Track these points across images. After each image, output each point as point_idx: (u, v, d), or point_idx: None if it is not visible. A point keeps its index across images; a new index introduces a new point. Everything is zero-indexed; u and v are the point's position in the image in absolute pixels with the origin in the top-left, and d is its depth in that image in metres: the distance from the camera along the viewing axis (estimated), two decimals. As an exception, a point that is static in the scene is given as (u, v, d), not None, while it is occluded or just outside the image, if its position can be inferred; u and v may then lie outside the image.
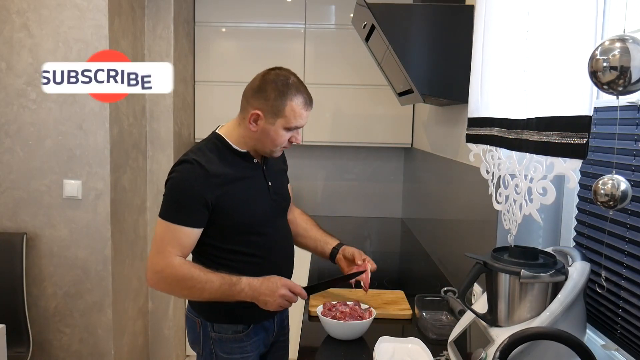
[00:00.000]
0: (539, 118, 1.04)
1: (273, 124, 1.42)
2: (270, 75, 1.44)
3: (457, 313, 1.54)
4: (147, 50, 2.76)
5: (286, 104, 1.40)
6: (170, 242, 1.39)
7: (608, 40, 0.75)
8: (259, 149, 1.49)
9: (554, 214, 1.43)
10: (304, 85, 1.45)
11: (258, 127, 1.43)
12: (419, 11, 1.89)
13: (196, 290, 1.38)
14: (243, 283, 1.39)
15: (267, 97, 1.41)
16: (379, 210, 3.51)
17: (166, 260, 1.37)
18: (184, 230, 1.39)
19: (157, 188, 2.84)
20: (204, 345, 1.54)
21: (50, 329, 2.45)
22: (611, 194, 0.80)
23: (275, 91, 1.40)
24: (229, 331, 1.51)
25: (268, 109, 1.41)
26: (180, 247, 1.39)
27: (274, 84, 1.41)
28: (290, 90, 1.41)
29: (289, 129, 1.43)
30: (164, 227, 1.40)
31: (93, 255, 2.40)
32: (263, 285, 1.41)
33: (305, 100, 1.44)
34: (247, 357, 1.53)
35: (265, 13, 3.11)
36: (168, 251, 1.38)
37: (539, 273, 1.05)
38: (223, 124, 1.56)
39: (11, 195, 2.38)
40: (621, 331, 1.12)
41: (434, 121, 2.58)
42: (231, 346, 1.51)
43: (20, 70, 2.32)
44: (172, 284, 1.40)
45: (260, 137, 1.45)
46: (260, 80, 1.44)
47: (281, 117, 1.41)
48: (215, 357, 1.52)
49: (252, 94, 1.44)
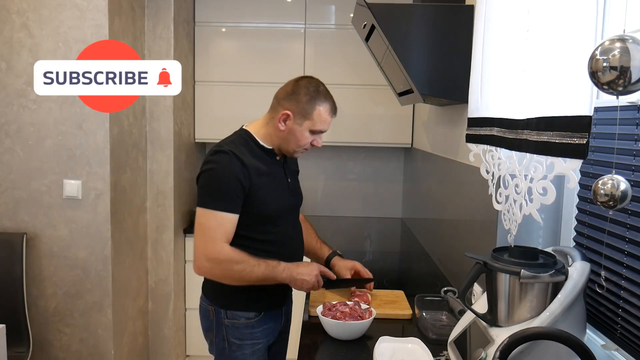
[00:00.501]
0: (539, 118, 1.04)
1: (300, 125, 1.56)
2: (303, 81, 1.59)
3: (457, 313, 1.54)
4: (147, 50, 2.76)
5: (315, 108, 1.55)
6: (218, 230, 1.49)
7: (608, 40, 0.75)
8: (283, 147, 1.61)
9: (554, 214, 1.43)
10: (330, 94, 1.60)
11: (286, 127, 1.57)
12: (419, 11, 1.89)
13: (246, 273, 1.50)
14: (282, 266, 1.55)
15: (298, 100, 1.55)
16: (379, 210, 3.51)
17: (219, 247, 1.49)
18: (228, 217, 1.50)
19: (157, 188, 2.84)
20: (217, 331, 1.63)
21: (50, 329, 2.45)
22: (611, 194, 0.80)
23: (307, 95, 1.55)
24: (241, 318, 1.60)
25: (298, 110, 1.55)
26: (226, 233, 1.51)
27: (306, 89, 1.56)
28: (320, 96, 1.56)
29: (313, 131, 1.57)
30: (209, 215, 1.49)
31: (93, 255, 2.40)
32: (300, 267, 1.58)
33: (332, 108, 1.59)
34: (257, 343, 1.63)
35: (265, 13, 3.11)
36: (219, 238, 1.49)
37: (539, 273, 1.05)
38: (247, 123, 1.68)
39: (11, 195, 2.38)
40: (621, 331, 1.12)
41: (434, 121, 2.58)
42: (243, 332, 1.60)
43: (20, 70, 2.32)
44: (227, 268, 1.50)
45: (287, 136, 1.58)
46: (294, 85, 1.59)
47: (308, 120, 1.56)
48: (228, 343, 1.62)
49: (284, 96, 1.58)
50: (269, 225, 1.60)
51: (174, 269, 2.90)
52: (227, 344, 1.62)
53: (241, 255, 1.50)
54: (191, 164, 3.21)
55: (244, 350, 1.61)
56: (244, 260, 1.49)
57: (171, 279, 2.90)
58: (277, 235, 1.62)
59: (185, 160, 3.08)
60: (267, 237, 1.59)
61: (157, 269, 2.89)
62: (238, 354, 1.61)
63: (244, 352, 1.61)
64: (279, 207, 1.62)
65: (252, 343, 1.62)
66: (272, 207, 1.59)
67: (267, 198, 1.57)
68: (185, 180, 3.09)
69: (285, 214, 1.65)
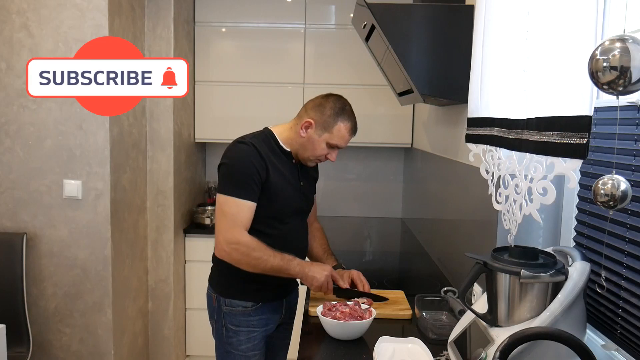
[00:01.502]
0: (539, 118, 1.04)
1: (319, 135, 1.66)
2: (332, 97, 1.69)
3: (457, 313, 1.54)
4: (147, 50, 2.76)
5: (336, 123, 1.65)
6: (239, 216, 1.59)
7: (608, 40, 0.75)
8: (300, 153, 1.71)
9: (554, 214, 1.43)
10: (354, 115, 1.70)
11: (307, 134, 1.66)
12: (419, 11, 1.89)
13: (262, 262, 1.59)
14: (297, 261, 1.64)
15: (323, 112, 1.65)
16: (379, 210, 3.51)
17: (240, 232, 1.58)
18: (248, 204, 1.59)
19: (157, 188, 2.84)
20: (217, 317, 1.74)
21: (50, 329, 2.45)
22: (611, 194, 0.80)
23: (332, 110, 1.65)
24: (238, 306, 1.70)
25: (321, 122, 1.65)
26: (245, 220, 1.60)
27: (333, 104, 1.66)
28: (344, 113, 1.66)
29: (330, 145, 1.66)
30: (231, 203, 1.58)
31: (93, 255, 2.40)
32: (313, 265, 1.67)
33: (352, 127, 1.68)
34: (253, 331, 1.71)
35: (265, 13, 3.11)
36: (239, 224, 1.58)
37: (539, 273, 1.05)
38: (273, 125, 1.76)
39: (11, 195, 2.38)
40: (621, 331, 1.12)
41: (434, 121, 2.58)
42: (239, 319, 1.70)
43: (20, 70, 2.32)
44: (245, 253, 1.59)
45: (305, 144, 1.67)
46: (322, 98, 1.70)
47: (328, 132, 1.65)
48: (225, 329, 1.72)
49: (312, 107, 1.68)
50: (275, 221, 1.67)
51: (174, 269, 2.90)
52: (225, 329, 1.72)
53: (259, 244, 1.58)
54: (191, 164, 3.21)
55: (240, 336, 1.70)
56: (262, 248, 1.58)
57: (171, 279, 2.90)
58: (282, 232, 1.69)
59: (185, 160, 3.08)
60: (272, 232, 1.66)
61: (157, 269, 2.89)
62: (234, 340, 1.71)
63: (239, 338, 1.70)
64: (287, 205, 1.69)
65: (247, 330, 1.70)
66: (280, 203, 1.66)
67: (278, 193, 1.65)
68: (185, 180, 3.09)
69: (291, 214, 1.72)
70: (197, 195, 3.36)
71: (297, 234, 1.77)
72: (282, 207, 1.68)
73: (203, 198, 3.46)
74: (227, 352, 1.72)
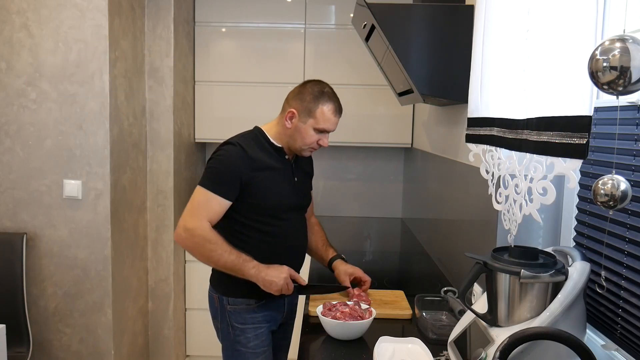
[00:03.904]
0: (539, 118, 1.04)
1: (305, 122, 1.65)
2: (310, 83, 1.69)
3: (457, 313, 1.54)
4: (147, 50, 2.76)
5: (318, 107, 1.64)
6: (204, 207, 1.59)
7: (608, 40, 0.75)
8: (291, 145, 1.70)
9: (554, 214, 1.43)
10: (336, 96, 1.69)
11: (292, 124, 1.66)
12: (419, 11, 1.89)
13: (215, 255, 1.58)
14: (253, 263, 1.60)
15: (303, 99, 1.65)
16: (379, 210, 3.51)
17: (199, 222, 1.57)
18: (218, 199, 1.59)
19: (157, 188, 2.84)
20: (221, 318, 1.73)
21: (50, 329, 2.45)
22: (611, 194, 0.79)
23: (311, 95, 1.64)
24: (242, 304, 1.70)
25: (302, 109, 1.65)
26: (212, 213, 1.59)
27: (311, 89, 1.66)
28: (323, 96, 1.65)
29: (317, 130, 1.65)
30: (202, 193, 1.60)
31: (93, 255, 2.40)
32: (270, 269, 1.61)
33: (335, 108, 1.66)
34: (259, 327, 1.71)
35: (265, 13, 3.11)
36: (202, 214, 1.58)
37: (539, 273, 1.05)
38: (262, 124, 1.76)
39: (11, 195, 2.38)
40: (621, 331, 1.12)
41: (434, 121, 2.58)
42: (245, 317, 1.70)
43: (20, 70, 2.32)
44: (199, 243, 1.58)
45: (293, 134, 1.67)
46: (300, 86, 1.70)
47: (312, 118, 1.64)
48: (231, 327, 1.71)
49: (292, 97, 1.69)
50: (270, 217, 1.67)
51: (174, 269, 2.90)
52: (231, 328, 1.71)
53: (216, 237, 1.57)
54: (191, 164, 3.21)
55: (247, 333, 1.69)
56: (218, 242, 1.57)
57: (171, 279, 2.90)
58: (280, 229, 1.69)
59: (185, 160, 3.08)
60: (268, 229, 1.67)
61: (157, 269, 2.89)
62: (241, 338, 1.70)
63: (247, 336, 1.69)
64: (282, 202, 1.69)
65: (254, 327, 1.70)
66: (272, 200, 1.66)
67: (267, 191, 1.65)
68: (185, 180, 3.09)
69: (288, 209, 1.72)
70: (197, 195, 3.36)
71: (295, 230, 1.76)
72: (277, 203, 1.67)
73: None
74: (237, 351, 1.71)
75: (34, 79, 2.33)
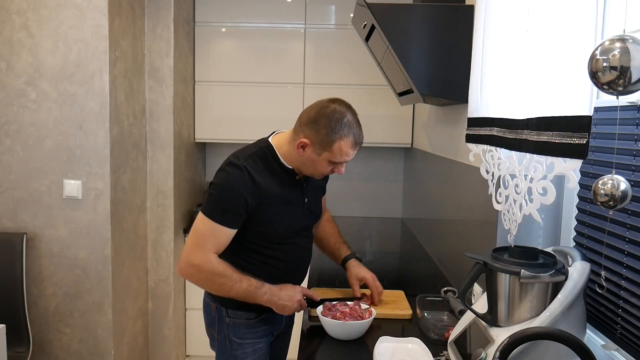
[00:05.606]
0: (539, 118, 1.04)
1: (319, 155, 1.47)
2: (328, 109, 1.45)
3: (457, 313, 1.55)
4: (147, 50, 2.76)
5: (335, 141, 1.44)
6: (210, 239, 1.48)
7: (608, 40, 0.75)
8: (302, 170, 1.55)
9: (554, 214, 1.43)
10: (358, 124, 1.49)
11: (304, 153, 1.48)
12: (419, 11, 1.89)
13: (225, 287, 1.49)
14: (265, 288, 1.51)
15: (318, 131, 1.44)
16: (379, 210, 3.51)
17: (206, 256, 1.47)
18: (224, 230, 1.48)
19: (157, 188, 2.84)
20: (219, 329, 1.65)
21: (50, 329, 2.45)
22: (611, 194, 0.80)
23: (327, 128, 1.43)
24: (242, 317, 1.62)
25: (317, 141, 1.45)
26: (218, 245, 1.49)
27: (328, 120, 1.44)
28: (342, 129, 1.44)
29: (333, 162, 1.49)
30: (207, 224, 1.48)
31: (93, 255, 2.40)
32: (283, 291, 1.54)
33: (355, 141, 1.47)
34: (258, 342, 1.64)
35: (265, 13, 3.11)
36: (208, 247, 1.47)
37: (539, 273, 1.05)
38: (278, 131, 1.61)
39: (11, 195, 2.38)
40: (621, 331, 1.12)
41: (434, 121, 2.58)
42: (244, 331, 1.62)
43: (20, 70, 2.32)
44: (207, 278, 1.50)
45: (305, 162, 1.51)
46: (317, 112, 1.47)
47: (328, 152, 1.46)
48: (229, 341, 1.63)
49: (305, 122, 1.47)
50: (276, 244, 1.58)
51: (174, 269, 2.90)
52: (229, 342, 1.63)
53: (225, 269, 1.48)
54: (191, 164, 3.21)
55: (245, 349, 1.63)
56: (227, 275, 1.48)
57: (171, 279, 2.90)
58: (284, 253, 1.60)
59: (185, 160, 3.08)
60: (273, 254, 1.58)
61: (157, 269, 2.89)
62: (239, 353, 1.63)
63: (245, 351, 1.63)
64: (287, 229, 1.59)
65: (253, 342, 1.63)
66: (279, 229, 1.56)
67: (275, 219, 1.54)
68: (185, 180, 3.09)
69: (296, 233, 1.62)
70: (197, 195, 3.36)
71: (301, 250, 1.67)
72: (284, 231, 1.58)
73: (203, 198, 3.46)
74: None
75: (34, 79, 2.33)
